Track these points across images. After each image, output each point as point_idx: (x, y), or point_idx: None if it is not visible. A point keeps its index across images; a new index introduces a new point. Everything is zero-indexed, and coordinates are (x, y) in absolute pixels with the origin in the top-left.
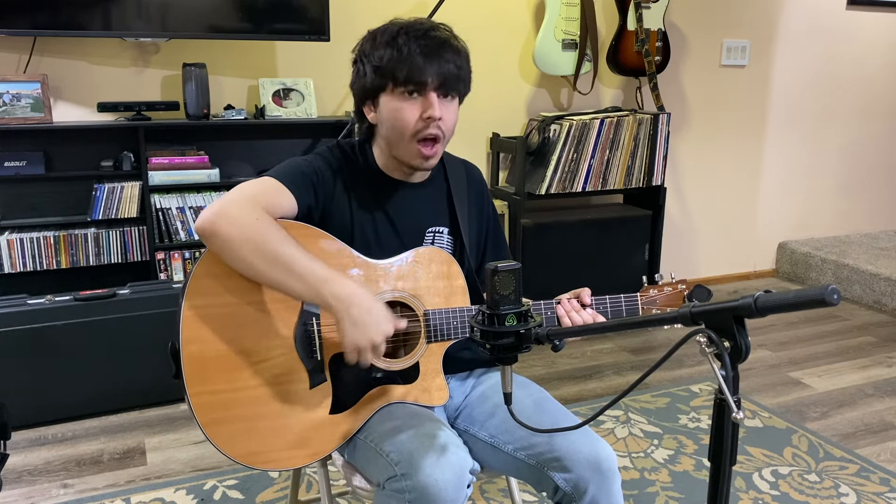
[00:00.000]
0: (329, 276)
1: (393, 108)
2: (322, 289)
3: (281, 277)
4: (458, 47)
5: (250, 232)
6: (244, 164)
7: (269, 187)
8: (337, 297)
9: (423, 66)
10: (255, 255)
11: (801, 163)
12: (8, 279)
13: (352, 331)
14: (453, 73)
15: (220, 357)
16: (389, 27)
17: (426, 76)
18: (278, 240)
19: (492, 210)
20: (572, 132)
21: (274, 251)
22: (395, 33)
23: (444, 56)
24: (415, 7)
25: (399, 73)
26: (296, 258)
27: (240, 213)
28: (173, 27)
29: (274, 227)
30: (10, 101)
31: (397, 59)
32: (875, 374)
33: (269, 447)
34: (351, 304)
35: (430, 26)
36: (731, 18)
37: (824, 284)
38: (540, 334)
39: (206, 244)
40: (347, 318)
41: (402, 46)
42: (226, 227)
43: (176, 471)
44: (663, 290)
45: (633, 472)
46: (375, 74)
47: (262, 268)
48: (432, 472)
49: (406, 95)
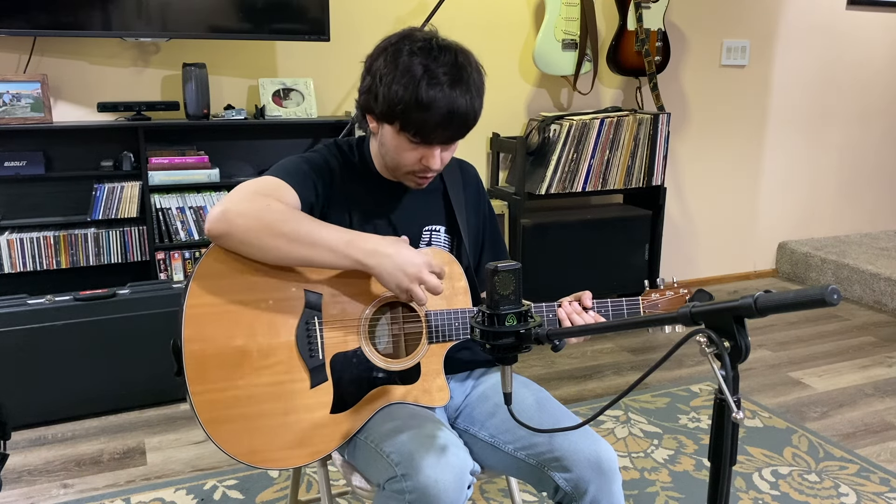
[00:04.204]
0: (352, 237)
1: (395, 144)
2: (350, 251)
3: (307, 252)
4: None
5: (267, 218)
6: (244, 164)
7: (273, 184)
8: (367, 253)
9: (436, 126)
10: (277, 239)
11: (801, 163)
12: (8, 279)
13: (392, 278)
14: (463, 130)
15: (222, 355)
16: (412, 63)
17: (435, 135)
18: (295, 218)
19: (488, 208)
20: (572, 132)
21: (294, 229)
22: (417, 78)
23: (460, 110)
24: (415, 7)
25: (409, 125)
26: (316, 230)
27: (250, 205)
28: (173, 27)
29: (286, 208)
30: (10, 101)
31: (411, 111)
32: (875, 374)
33: (269, 446)
34: (381, 255)
35: (453, 77)
36: (731, 18)
37: (824, 284)
38: (540, 334)
39: (220, 244)
40: (382, 268)
41: (420, 98)
42: (239, 221)
43: (176, 471)
44: (665, 295)
45: (633, 472)
46: (385, 108)
47: (287, 248)
48: (433, 473)
49: (410, 141)
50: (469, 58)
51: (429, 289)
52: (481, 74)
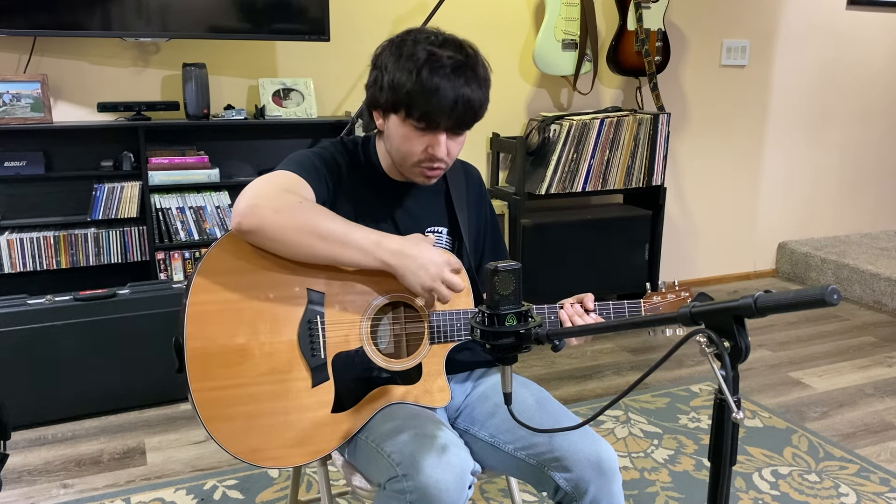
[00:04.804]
0: (379, 237)
1: (401, 133)
2: (378, 252)
3: (337, 251)
4: (481, 82)
5: (300, 216)
6: (244, 164)
7: (294, 180)
8: (393, 253)
9: (441, 110)
10: (310, 237)
11: (801, 163)
12: (8, 279)
13: (416, 278)
14: (470, 115)
15: (224, 353)
16: (415, 52)
17: (441, 119)
18: (327, 216)
19: (490, 211)
20: (572, 132)
21: (326, 228)
22: (421, 62)
23: (464, 97)
24: (415, 7)
25: (414, 109)
26: (347, 230)
27: (282, 202)
28: (173, 27)
29: (316, 206)
30: (10, 101)
31: (416, 94)
32: (875, 374)
33: (270, 444)
34: (405, 256)
35: (457, 63)
36: (731, 18)
37: (824, 284)
38: (540, 334)
39: (248, 240)
40: (406, 269)
41: (424, 82)
42: (273, 217)
43: (176, 471)
44: (667, 297)
45: (633, 472)
46: (391, 96)
47: (319, 246)
48: (433, 473)
49: (416, 128)
50: (475, 50)
51: (450, 287)
52: (486, 68)
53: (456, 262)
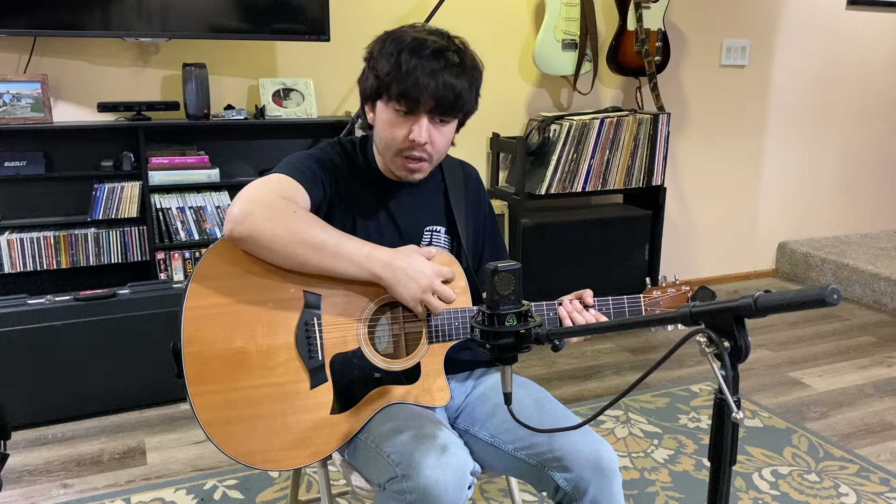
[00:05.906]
0: (370, 250)
1: (385, 119)
2: (368, 264)
3: (329, 262)
4: (463, 69)
5: (294, 226)
6: (244, 164)
7: (289, 185)
8: (382, 265)
9: (419, 88)
10: (301, 247)
11: (801, 163)
12: (8, 279)
13: (404, 290)
14: (450, 99)
15: (222, 357)
16: (401, 37)
17: (420, 98)
18: (321, 227)
19: (489, 210)
20: (572, 132)
21: (319, 238)
22: (402, 47)
23: (443, 79)
24: (415, 7)
25: (394, 88)
26: (339, 242)
27: (276, 211)
28: (173, 27)
29: (310, 216)
30: (11, 101)
31: (395, 75)
32: (875, 374)
33: (269, 447)
34: (394, 268)
35: (438, 46)
36: (731, 18)
37: (824, 284)
38: (540, 334)
39: (240, 246)
40: (396, 280)
41: (402, 63)
42: (266, 226)
43: (176, 471)
44: (667, 292)
45: (633, 472)
46: (375, 82)
47: (311, 257)
48: (433, 473)
49: (398, 112)
50: (465, 44)
51: (441, 298)
52: (475, 61)
53: (448, 271)
